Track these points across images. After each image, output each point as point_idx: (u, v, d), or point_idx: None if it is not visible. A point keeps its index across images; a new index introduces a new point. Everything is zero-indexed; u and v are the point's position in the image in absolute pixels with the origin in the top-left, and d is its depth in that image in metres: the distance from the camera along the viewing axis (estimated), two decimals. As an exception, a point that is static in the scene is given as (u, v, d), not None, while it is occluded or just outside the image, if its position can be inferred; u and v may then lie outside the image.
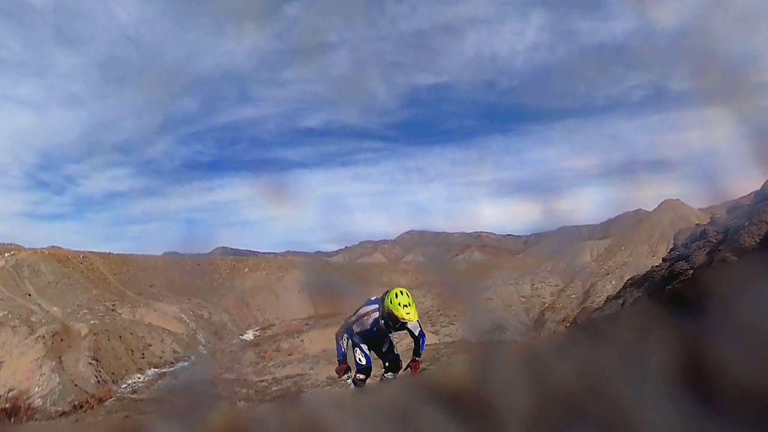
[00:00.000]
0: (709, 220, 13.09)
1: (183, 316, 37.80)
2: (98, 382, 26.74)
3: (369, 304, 5.85)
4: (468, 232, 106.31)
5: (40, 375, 25.89)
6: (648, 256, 40.27)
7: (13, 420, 22.21)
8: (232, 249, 75.25)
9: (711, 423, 1.99)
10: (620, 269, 40.27)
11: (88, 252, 46.00)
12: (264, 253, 70.61)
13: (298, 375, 25.68)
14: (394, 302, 5.44)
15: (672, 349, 2.31)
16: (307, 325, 37.37)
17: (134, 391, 26.70)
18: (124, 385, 27.66)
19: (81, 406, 24.01)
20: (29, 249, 41.98)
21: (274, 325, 40.90)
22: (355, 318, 5.87)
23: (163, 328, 34.39)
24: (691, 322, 2.42)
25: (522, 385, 2.71)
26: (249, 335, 39.17)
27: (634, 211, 64.41)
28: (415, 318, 5.48)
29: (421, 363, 5.83)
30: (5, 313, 30.72)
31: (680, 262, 9.88)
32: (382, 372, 6.04)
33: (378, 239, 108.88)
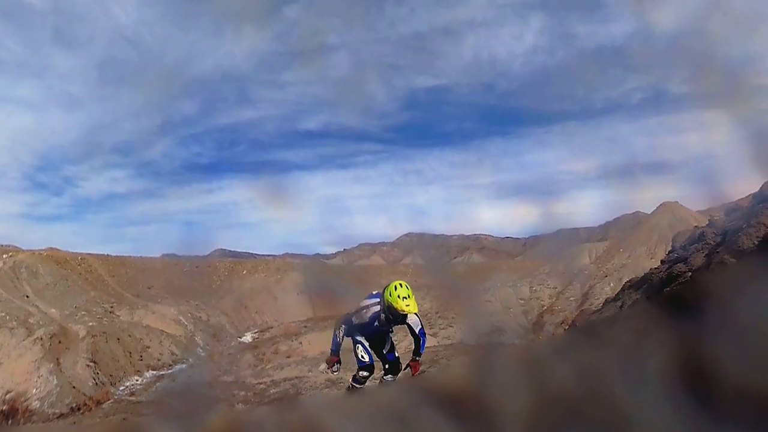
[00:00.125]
0: (707, 223, 13.10)
1: (181, 318, 37.74)
2: (96, 384, 26.68)
3: (370, 298, 5.80)
4: (467, 234, 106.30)
5: (38, 377, 25.83)
6: (646, 259, 40.23)
7: (10, 422, 22.15)
8: (230, 251, 75.29)
9: (709, 424, 1.99)
10: (619, 271, 40.28)
11: (87, 254, 45.94)
12: (262, 255, 70.37)
13: (297, 377, 25.64)
14: (393, 294, 5.38)
15: (670, 351, 2.31)
16: (306, 327, 37.29)
17: (132, 394, 26.64)
18: (121, 388, 27.61)
19: (78, 408, 23.97)
20: (27, 250, 41.94)
21: (272, 328, 40.82)
22: (356, 310, 5.83)
23: (161, 331, 34.32)
24: (690, 323, 2.43)
25: (521, 388, 2.71)
26: (247, 337, 39.09)
27: (633, 213, 64.42)
28: (414, 309, 5.41)
29: (421, 364, 5.78)
30: (3, 314, 30.66)
31: (678, 265, 9.89)
32: (382, 374, 6.01)
33: (377, 241, 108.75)
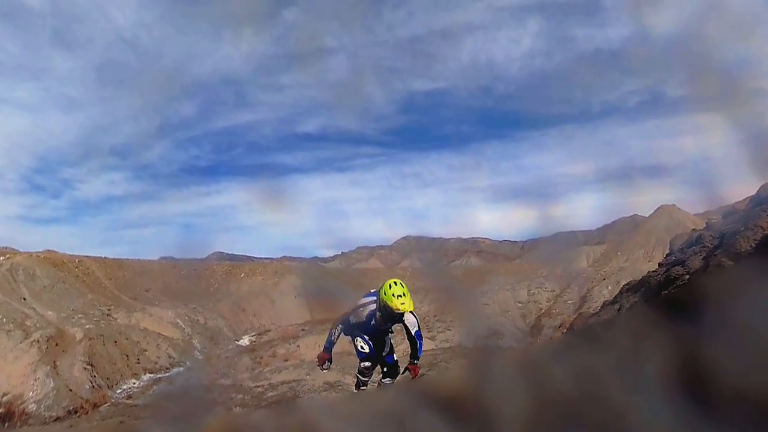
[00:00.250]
0: (704, 225, 13.09)
1: (179, 321, 37.65)
2: (93, 387, 26.57)
3: (367, 296, 5.77)
4: (464, 237, 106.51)
5: (35, 380, 25.71)
6: (644, 261, 40.28)
7: (6, 425, 22.05)
8: (228, 254, 75.37)
9: (707, 426, 1.99)
10: (616, 274, 40.34)
11: (84, 256, 45.78)
12: (260, 258, 70.18)
13: (294, 380, 25.54)
14: (388, 293, 5.32)
15: (668, 354, 2.32)
16: (303, 330, 37.22)
17: (129, 397, 26.53)
18: (119, 391, 27.48)
19: (75, 412, 23.86)
20: (24, 253, 41.76)
21: (270, 331, 40.74)
22: (352, 309, 5.80)
23: (159, 333, 34.21)
24: (688, 326, 2.43)
25: (519, 391, 2.71)
26: (245, 341, 39.00)
27: (630, 216, 64.75)
28: (410, 308, 5.35)
29: (420, 367, 5.72)
30: (0, 317, 30.52)
31: (676, 267, 9.88)
32: (380, 377, 5.99)
33: (374, 245, 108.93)
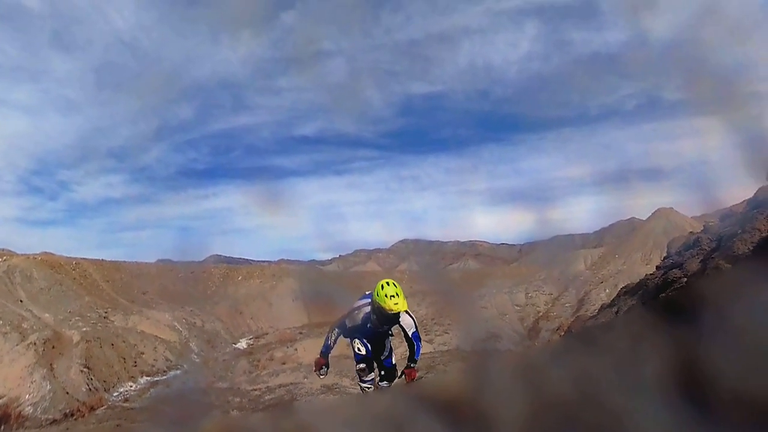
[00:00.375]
0: (702, 228, 13.16)
1: (176, 324, 37.56)
2: (90, 389, 26.48)
3: (363, 299, 5.69)
4: (462, 240, 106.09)
5: (31, 382, 25.64)
6: (642, 264, 40.39)
7: (3, 427, 21.96)
8: (225, 257, 74.80)
9: (705, 428, 1.99)
10: (614, 277, 40.45)
11: (81, 258, 45.62)
12: (258, 261, 70.06)
13: (292, 384, 25.47)
14: (380, 294, 5.21)
15: (666, 357, 2.32)
16: (301, 333, 37.13)
17: (126, 400, 26.43)
18: (115, 393, 27.39)
19: (72, 414, 23.74)
20: (21, 255, 41.62)
21: (267, 334, 40.62)
22: (348, 312, 5.73)
23: (156, 336, 34.13)
24: (685, 329, 2.43)
25: (517, 394, 2.71)
26: (242, 344, 38.90)
27: (628, 219, 64.80)
28: (403, 308, 5.25)
29: (417, 371, 5.65)
30: (-4, 319, 30.41)
31: (674, 270, 9.91)
32: (378, 380, 5.95)
33: (372, 248, 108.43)
